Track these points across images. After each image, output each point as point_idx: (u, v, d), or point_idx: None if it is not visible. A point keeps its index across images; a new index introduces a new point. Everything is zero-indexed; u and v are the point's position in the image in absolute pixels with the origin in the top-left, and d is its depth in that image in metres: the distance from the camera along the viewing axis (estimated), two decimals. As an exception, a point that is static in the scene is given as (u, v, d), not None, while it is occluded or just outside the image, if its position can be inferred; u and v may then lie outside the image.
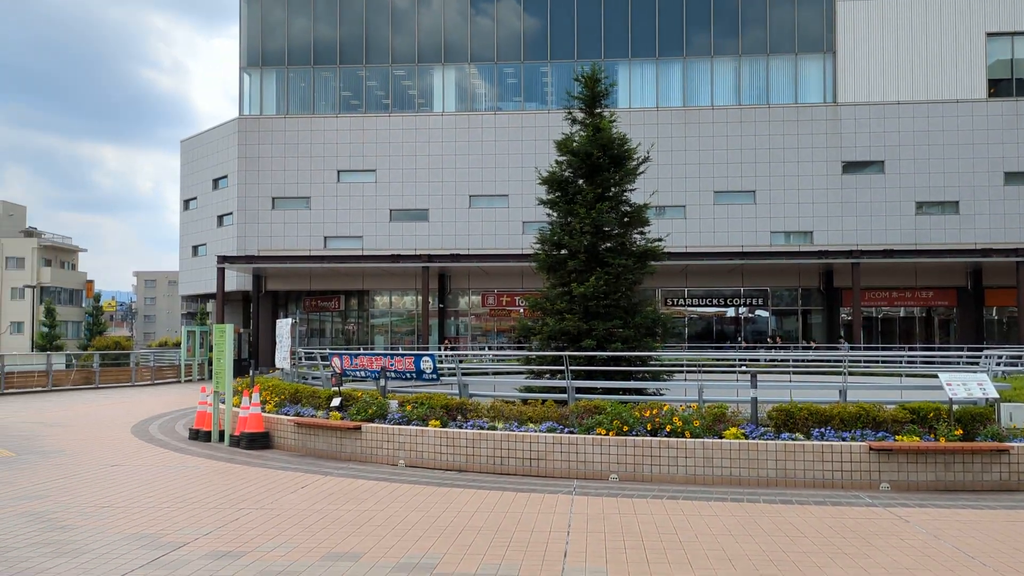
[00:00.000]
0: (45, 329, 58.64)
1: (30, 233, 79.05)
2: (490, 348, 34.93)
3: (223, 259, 35.39)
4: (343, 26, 39.26)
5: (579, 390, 12.86)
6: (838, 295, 36.03)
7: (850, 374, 19.94)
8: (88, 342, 56.67)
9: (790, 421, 10.16)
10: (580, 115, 16.97)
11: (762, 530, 7.43)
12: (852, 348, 30.31)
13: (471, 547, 6.80)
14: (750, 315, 37.65)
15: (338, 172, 38.49)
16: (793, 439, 9.81)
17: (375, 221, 38.08)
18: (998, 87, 35.66)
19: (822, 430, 9.86)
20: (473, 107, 38.60)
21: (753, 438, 9.88)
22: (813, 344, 33.40)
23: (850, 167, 36.01)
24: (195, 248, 42.43)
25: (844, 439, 9.68)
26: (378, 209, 38.14)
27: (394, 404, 12.37)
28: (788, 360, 21.84)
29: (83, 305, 78.01)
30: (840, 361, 20.89)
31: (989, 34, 35.50)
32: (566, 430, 10.66)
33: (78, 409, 20.25)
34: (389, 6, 39.13)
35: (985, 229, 34.80)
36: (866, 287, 34.49)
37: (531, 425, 11.04)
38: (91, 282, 79.96)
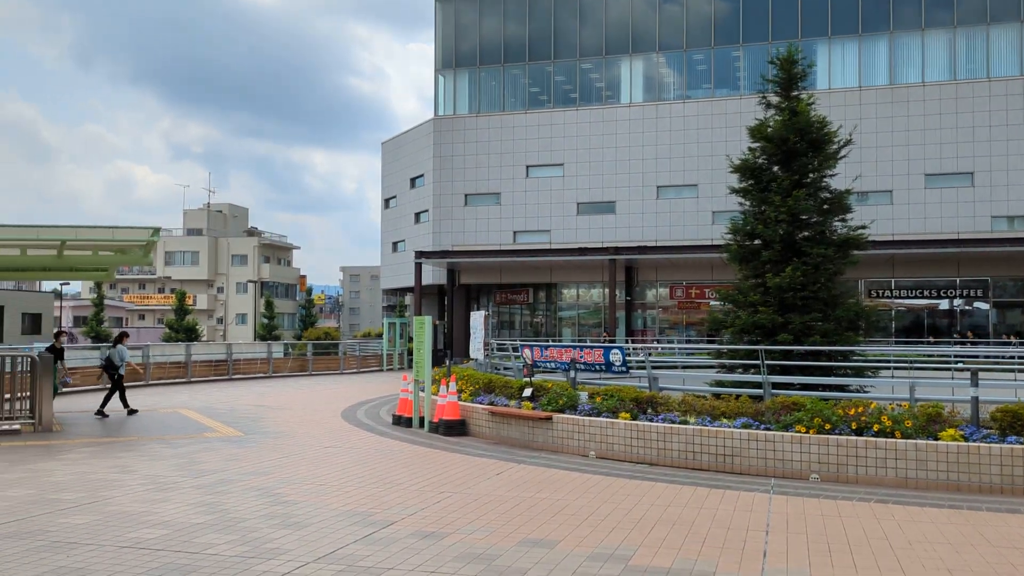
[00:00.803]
0: (265, 320, 64.02)
1: (252, 233, 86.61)
2: (678, 341, 34.37)
3: (420, 254, 37.11)
4: (532, 23, 39.93)
5: (774, 386, 12.39)
6: (1074, 286, 32.34)
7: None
8: (301, 332, 61.32)
9: (1017, 423, 9.26)
10: (775, 99, 16.32)
11: (986, 540, 6.83)
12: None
13: (665, 541, 6.74)
14: (967, 307, 34.58)
15: (527, 167, 39.24)
16: (1021, 443, 8.94)
17: (562, 215, 38.49)
18: None
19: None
20: (661, 97, 38.06)
21: (974, 441, 9.09)
22: (1014, 340, 30.07)
23: (1089, 143, 32.20)
24: (394, 244, 44.79)
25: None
26: (565, 203, 38.52)
27: (584, 396, 12.48)
28: (1013, 357, 19.90)
29: (296, 298, 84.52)
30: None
31: None
32: (762, 427, 10.31)
33: (294, 394, 21.98)
34: (576, 1, 39.32)
35: None
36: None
37: (724, 420, 10.77)
38: (304, 277, 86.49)
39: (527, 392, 13.20)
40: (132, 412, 16.41)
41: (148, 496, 8.48)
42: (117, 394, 16.57)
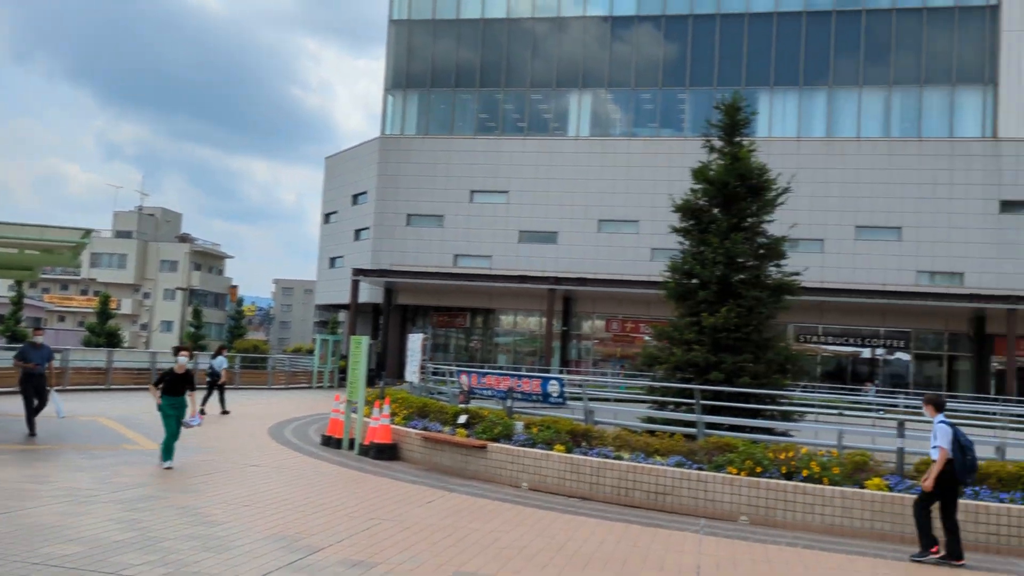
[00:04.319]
0: (192, 329, 62.35)
1: (184, 239, 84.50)
2: (611, 374, 34.64)
3: (358, 272, 36.70)
4: (484, 50, 40.17)
5: (706, 424, 12.54)
6: (989, 342, 33.69)
7: (1002, 428, 18.59)
8: (229, 344, 59.81)
9: (939, 476, 9.52)
10: (718, 143, 16.72)
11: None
12: (879, 393, 28.67)
13: (598, 579, 6.70)
14: (888, 357, 35.75)
15: (471, 192, 39.26)
16: (942, 495, 9.19)
17: (504, 241, 38.56)
18: None
19: (976, 488, 9.19)
20: (607, 132, 38.61)
21: (898, 491, 9.32)
22: (875, 386, 31.47)
23: (1009, 206, 33.74)
24: (332, 260, 44.21)
25: (1002, 500, 8.99)
26: (508, 230, 38.62)
27: (520, 425, 12.42)
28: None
29: (226, 309, 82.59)
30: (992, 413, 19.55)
31: None
32: (694, 466, 10.40)
33: (219, 408, 21.32)
34: (531, 32, 39.77)
35: None
36: (1022, 335, 32.05)
37: (658, 458, 10.83)
38: (235, 287, 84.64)
39: (462, 419, 13.07)
40: (225, 412, 19.40)
41: (65, 509, 8.08)
42: (215, 395, 19.63)
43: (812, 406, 18.84)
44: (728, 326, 14.76)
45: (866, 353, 35.98)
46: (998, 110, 34.20)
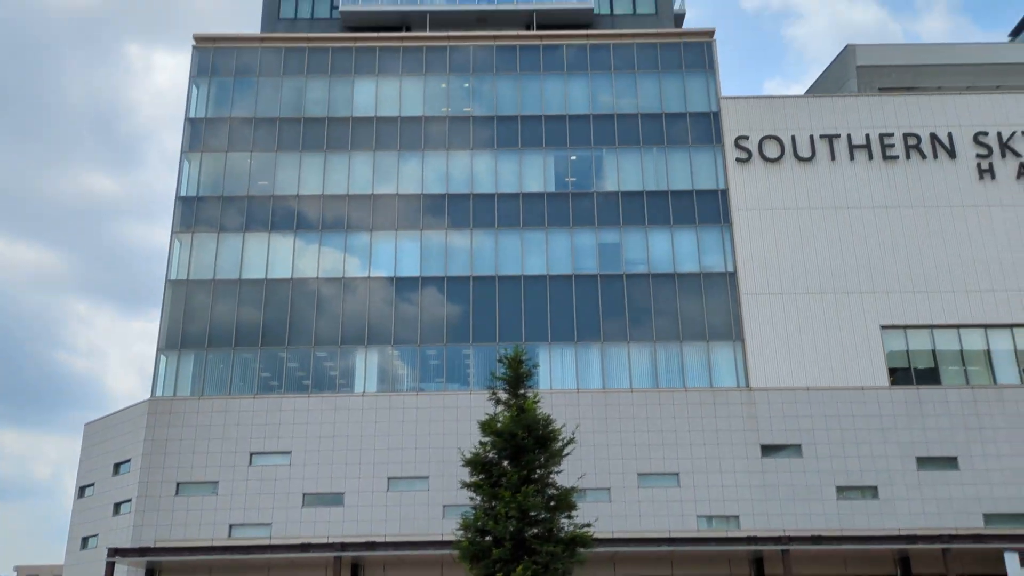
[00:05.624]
0: None
1: (-101, 523, 72.04)
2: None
3: (114, 552, 32.36)
4: (268, 310, 39.71)
5: None
6: (771, 583, 34.76)
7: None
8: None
9: None
10: (504, 395, 16.99)
11: None
12: None
13: None
14: (682, 607, 35.70)
15: (250, 454, 36.91)
16: None
17: (286, 506, 35.98)
18: (897, 375, 37.73)
19: None
20: (395, 388, 38.49)
21: None
22: None
23: (768, 450, 36.47)
24: (85, 540, 38.94)
25: None
26: (290, 493, 36.22)
27: None
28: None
29: (-55, 607, 69.42)
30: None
31: (883, 327, 38.17)
32: None
33: None
34: (315, 292, 40.08)
35: (906, 515, 34.88)
36: (797, 575, 33.41)
37: None
38: (-41, 580, 71.91)
39: None
40: None
41: None
42: None
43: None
44: (524, 587, 14.10)
45: (661, 604, 35.75)
46: (748, 363, 37.94)
